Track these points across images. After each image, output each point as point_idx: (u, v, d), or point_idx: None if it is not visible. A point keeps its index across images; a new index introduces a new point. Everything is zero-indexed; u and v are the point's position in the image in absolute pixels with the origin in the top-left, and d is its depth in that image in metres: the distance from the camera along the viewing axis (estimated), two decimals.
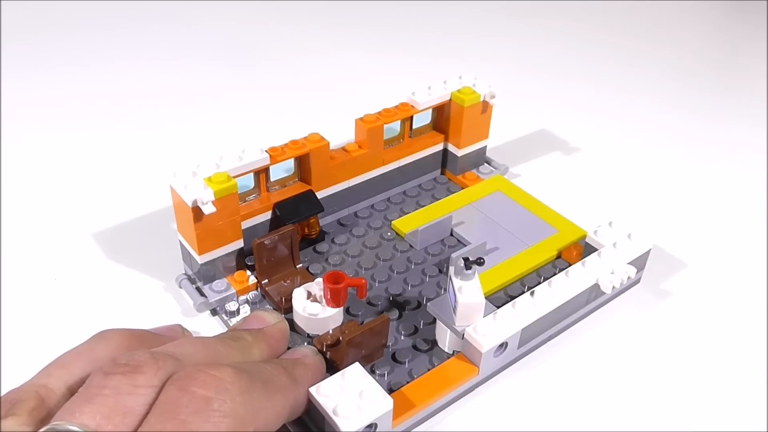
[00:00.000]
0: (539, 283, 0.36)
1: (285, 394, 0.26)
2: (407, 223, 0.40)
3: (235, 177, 0.34)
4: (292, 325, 0.33)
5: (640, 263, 0.36)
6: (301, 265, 0.37)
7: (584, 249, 0.37)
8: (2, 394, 0.24)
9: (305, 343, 0.33)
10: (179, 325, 0.32)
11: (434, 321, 0.33)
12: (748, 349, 0.35)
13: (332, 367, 0.31)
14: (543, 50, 0.65)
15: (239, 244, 0.36)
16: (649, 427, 0.31)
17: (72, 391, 0.24)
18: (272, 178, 0.37)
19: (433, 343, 0.33)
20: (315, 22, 0.68)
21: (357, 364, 0.28)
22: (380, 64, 0.61)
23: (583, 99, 0.58)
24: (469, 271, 0.30)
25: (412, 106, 0.41)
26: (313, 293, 0.33)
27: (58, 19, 0.67)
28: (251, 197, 0.37)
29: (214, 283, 0.36)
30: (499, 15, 0.71)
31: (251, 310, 0.35)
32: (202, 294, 0.35)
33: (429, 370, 0.31)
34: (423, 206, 0.42)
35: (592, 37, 0.68)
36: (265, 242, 0.34)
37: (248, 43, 0.64)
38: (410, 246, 0.39)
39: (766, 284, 0.39)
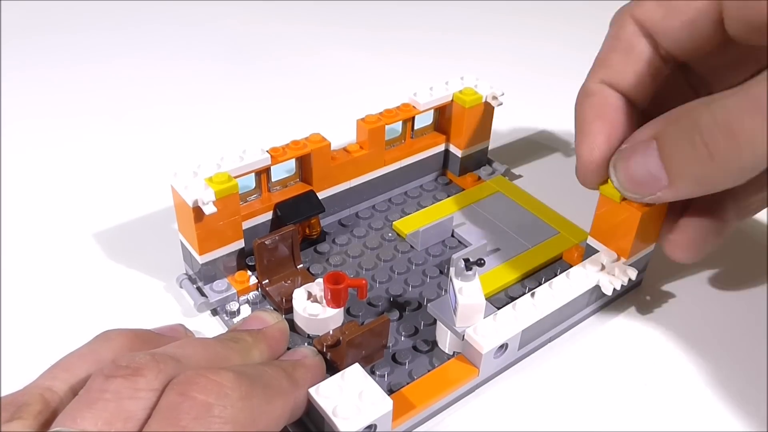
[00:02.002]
0: (540, 284, 0.36)
1: (285, 397, 0.26)
2: (408, 224, 0.40)
3: (236, 177, 0.34)
4: (293, 326, 0.33)
5: (640, 265, 0.36)
6: (301, 265, 0.37)
7: (585, 250, 0.37)
8: (4, 395, 0.24)
9: (305, 344, 0.33)
10: (181, 325, 0.32)
11: (434, 322, 0.33)
12: (748, 351, 0.35)
13: (332, 368, 0.31)
14: (544, 50, 0.64)
15: (240, 244, 0.36)
16: (649, 428, 0.31)
17: (76, 394, 0.23)
18: (273, 179, 0.37)
19: (434, 344, 0.33)
20: (316, 22, 0.68)
21: (357, 364, 0.28)
22: (382, 64, 0.61)
23: None
24: (470, 272, 0.30)
25: (414, 107, 0.41)
26: (313, 294, 0.33)
27: (58, 19, 0.67)
28: (252, 197, 0.37)
29: (214, 283, 0.36)
30: (500, 15, 0.71)
31: (252, 311, 0.35)
32: (202, 294, 0.35)
33: (429, 371, 0.31)
34: (424, 207, 0.42)
35: (592, 37, 0.68)
36: (266, 242, 0.34)
37: (249, 43, 0.64)
38: (411, 247, 0.39)
39: (767, 287, 0.39)
